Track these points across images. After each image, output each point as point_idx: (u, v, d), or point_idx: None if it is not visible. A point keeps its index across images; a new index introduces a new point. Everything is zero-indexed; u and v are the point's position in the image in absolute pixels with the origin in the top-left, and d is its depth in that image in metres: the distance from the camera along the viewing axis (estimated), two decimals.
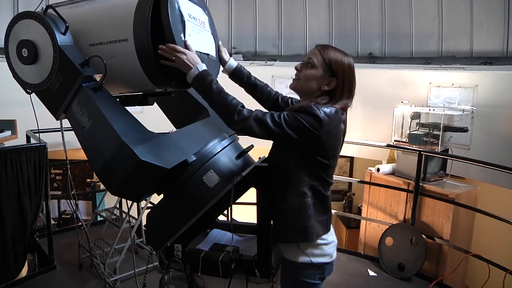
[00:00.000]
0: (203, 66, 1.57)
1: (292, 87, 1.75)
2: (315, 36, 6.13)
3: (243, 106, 1.56)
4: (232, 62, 1.97)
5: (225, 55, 1.95)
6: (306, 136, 1.54)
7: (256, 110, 1.57)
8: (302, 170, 1.62)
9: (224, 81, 1.76)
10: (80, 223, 3.91)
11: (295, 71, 1.74)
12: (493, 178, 4.28)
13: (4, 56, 1.69)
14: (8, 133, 3.65)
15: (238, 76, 1.97)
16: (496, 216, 3.41)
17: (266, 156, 1.79)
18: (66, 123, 1.67)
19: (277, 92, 2.02)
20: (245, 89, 2.02)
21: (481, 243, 4.59)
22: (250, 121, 1.52)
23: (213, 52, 1.81)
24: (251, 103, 1.77)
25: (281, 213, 1.65)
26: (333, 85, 1.67)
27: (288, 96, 2.01)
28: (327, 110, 1.56)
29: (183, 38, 1.54)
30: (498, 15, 4.89)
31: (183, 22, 1.55)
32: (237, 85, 2.01)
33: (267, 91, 2.00)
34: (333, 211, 4.71)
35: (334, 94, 1.67)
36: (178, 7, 1.54)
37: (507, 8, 4.80)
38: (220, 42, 1.93)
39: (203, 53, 1.69)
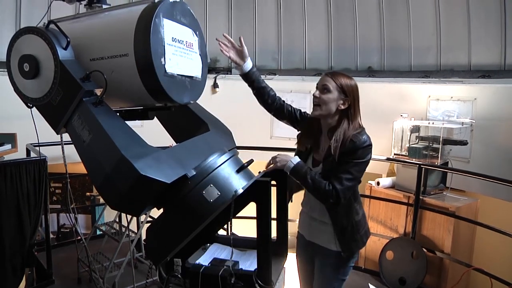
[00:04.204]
0: (295, 159, 1.97)
1: (316, 114, 2.08)
2: (314, 50, 6.17)
3: (328, 184, 1.93)
4: (248, 64, 2.21)
5: (245, 55, 2.20)
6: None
7: (334, 183, 1.93)
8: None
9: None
10: (79, 237, 3.90)
11: (314, 98, 2.06)
12: (493, 191, 4.27)
13: (6, 70, 1.71)
14: (8, 146, 3.65)
15: (250, 77, 2.23)
16: (497, 229, 3.40)
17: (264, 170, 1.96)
18: (66, 136, 1.67)
19: (284, 101, 2.34)
20: (253, 92, 2.29)
21: (482, 257, 4.56)
22: (341, 197, 1.93)
23: (198, 73, 1.81)
24: None
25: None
26: (347, 103, 2.03)
27: (297, 108, 2.33)
28: (365, 137, 2.02)
29: (162, 62, 1.55)
30: (495, 29, 4.93)
31: (163, 46, 1.56)
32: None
33: (272, 97, 2.29)
34: None
35: (348, 111, 2.03)
36: (162, 32, 1.55)
37: (503, 22, 4.84)
38: (242, 39, 2.19)
39: (186, 76, 1.70)
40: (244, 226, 3.44)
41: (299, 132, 2.30)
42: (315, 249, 2.24)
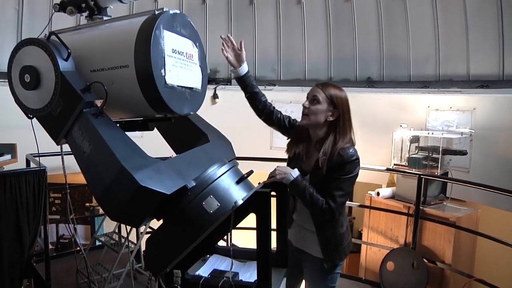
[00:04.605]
0: (295, 173, 2.00)
1: (304, 123, 2.13)
2: (314, 61, 6.18)
3: (324, 202, 2.00)
4: (244, 68, 2.29)
5: (243, 59, 2.30)
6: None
7: (329, 201, 1.99)
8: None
9: None
10: (78, 248, 3.87)
11: (304, 109, 2.11)
12: (493, 201, 4.26)
13: (7, 81, 1.71)
14: (8, 157, 3.65)
15: (244, 81, 2.31)
16: (498, 239, 3.39)
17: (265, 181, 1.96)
18: (66, 147, 1.67)
19: (274, 107, 2.37)
20: (246, 95, 2.35)
21: (484, 267, 4.54)
22: (335, 214, 2.02)
23: (198, 85, 1.82)
24: None
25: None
26: (335, 115, 2.06)
27: (286, 115, 2.37)
28: (352, 150, 2.02)
29: (162, 74, 1.55)
30: (493, 39, 4.95)
31: (164, 58, 1.56)
32: None
33: (263, 102, 2.35)
34: None
35: (337, 124, 2.06)
36: (162, 43, 1.56)
37: (501, 33, 4.87)
38: (242, 43, 2.32)
39: (185, 87, 1.70)
40: (244, 237, 3.43)
41: (289, 139, 2.33)
42: (303, 256, 2.27)
